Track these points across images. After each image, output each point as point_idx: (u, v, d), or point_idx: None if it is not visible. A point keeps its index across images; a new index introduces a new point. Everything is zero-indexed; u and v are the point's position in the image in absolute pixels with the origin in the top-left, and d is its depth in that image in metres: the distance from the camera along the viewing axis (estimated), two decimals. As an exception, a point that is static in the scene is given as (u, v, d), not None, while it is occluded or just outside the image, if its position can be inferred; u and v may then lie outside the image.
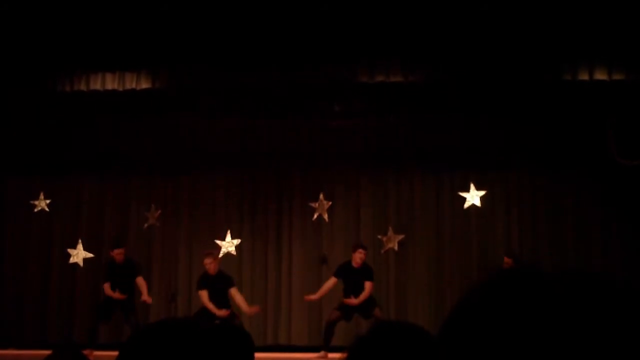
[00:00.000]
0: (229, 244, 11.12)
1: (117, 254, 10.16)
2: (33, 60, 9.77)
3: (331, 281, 10.03)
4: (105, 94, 10.03)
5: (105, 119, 11.21)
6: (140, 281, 10.20)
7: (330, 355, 9.62)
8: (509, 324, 0.68)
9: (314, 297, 10.06)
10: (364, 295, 9.76)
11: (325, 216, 11.22)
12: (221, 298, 9.86)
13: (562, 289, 0.70)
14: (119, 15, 9.25)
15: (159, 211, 11.37)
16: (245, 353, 1.35)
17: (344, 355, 1.32)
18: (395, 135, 11.39)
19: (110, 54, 9.74)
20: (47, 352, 2.42)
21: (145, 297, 10.02)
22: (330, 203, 11.23)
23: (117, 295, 10.02)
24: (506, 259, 9.97)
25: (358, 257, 9.87)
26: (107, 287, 10.11)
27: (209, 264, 9.93)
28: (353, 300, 9.73)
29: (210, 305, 9.77)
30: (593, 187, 10.99)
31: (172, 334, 1.30)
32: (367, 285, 9.81)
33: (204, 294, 9.89)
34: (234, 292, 9.94)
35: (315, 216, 11.19)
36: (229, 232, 11.21)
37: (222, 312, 9.67)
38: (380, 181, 11.49)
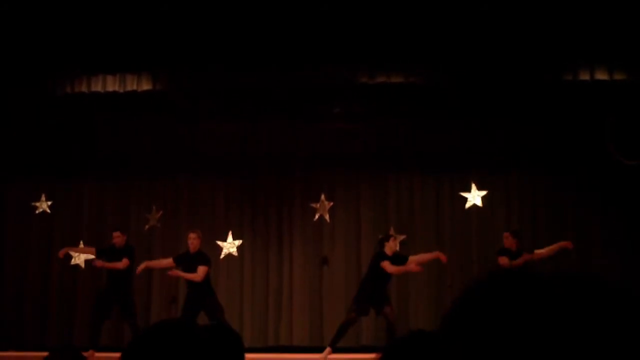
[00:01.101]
0: (230, 245, 11.13)
1: (116, 236, 10.12)
2: (34, 62, 9.77)
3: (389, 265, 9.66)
4: (106, 95, 10.04)
5: (106, 120, 11.22)
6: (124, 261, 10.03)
7: (332, 355, 9.61)
8: (507, 323, 0.69)
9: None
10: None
11: (327, 217, 11.23)
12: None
13: (559, 289, 0.71)
14: (120, 17, 9.25)
15: (160, 212, 11.38)
16: (236, 353, 1.35)
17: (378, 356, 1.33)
18: (396, 136, 11.39)
19: (111, 56, 9.74)
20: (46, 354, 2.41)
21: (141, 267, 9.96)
22: (331, 204, 11.24)
23: (101, 263, 10.00)
24: (506, 234, 9.90)
25: (394, 244, 9.83)
26: (97, 260, 10.13)
27: (193, 239, 9.85)
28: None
29: (156, 262, 10.12)
30: (593, 187, 10.99)
31: (172, 336, 1.30)
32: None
33: (169, 263, 9.93)
34: (200, 268, 9.68)
35: (317, 217, 11.20)
36: (230, 233, 11.22)
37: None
38: (381, 182, 11.49)
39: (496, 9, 8.98)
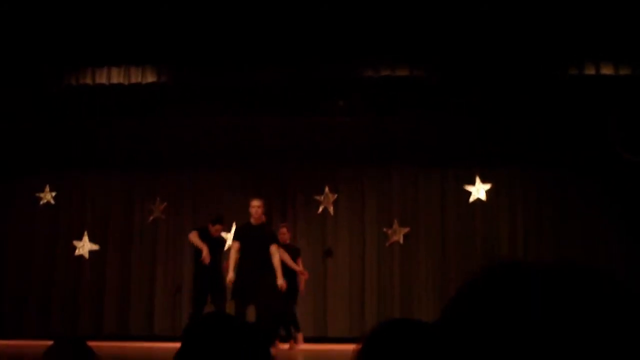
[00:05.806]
0: (234, 237, 11.13)
1: (217, 229, 9.68)
2: (40, 54, 9.79)
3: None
4: (110, 88, 10.05)
5: (110, 112, 11.23)
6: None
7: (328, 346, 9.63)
8: (506, 317, 0.69)
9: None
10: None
11: (331, 209, 11.23)
12: (260, 255, 8.69)
13: (560, 282, 0.71)
14: (125, 10, 9.25)
15: (164, 204, 11.40)
16: (263, 348, 1.37)
17: (357, 347, 1.31)
18: (400, 129, 11.38)
19: (116, 49, 9.75)
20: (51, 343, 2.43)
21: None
22: (335, 196, 11.25)
23: (205, 251, 9.22)
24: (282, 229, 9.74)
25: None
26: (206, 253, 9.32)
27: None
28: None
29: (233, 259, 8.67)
30: (598, 181, 10.97)
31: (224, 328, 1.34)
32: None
33: (235, 245, 8.86)
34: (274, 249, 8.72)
35: (321, 209, 11.20)
36: (234, 224, 11.22)
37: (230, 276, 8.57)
38: (386, 174, 11.49)
39: (502, 4, 8.96)
